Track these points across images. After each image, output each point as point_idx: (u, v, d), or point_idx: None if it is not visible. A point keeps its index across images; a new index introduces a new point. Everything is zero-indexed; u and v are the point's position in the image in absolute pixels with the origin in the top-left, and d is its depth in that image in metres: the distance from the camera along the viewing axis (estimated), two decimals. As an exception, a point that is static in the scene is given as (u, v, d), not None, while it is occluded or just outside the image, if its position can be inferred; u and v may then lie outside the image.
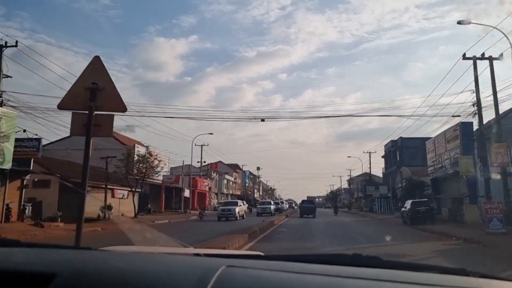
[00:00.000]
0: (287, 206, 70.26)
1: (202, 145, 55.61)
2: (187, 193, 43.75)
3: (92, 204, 28.31)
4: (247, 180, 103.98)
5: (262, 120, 20.49)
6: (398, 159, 61.49)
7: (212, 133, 45.41)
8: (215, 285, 0.93)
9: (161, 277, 1.01)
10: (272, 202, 43.51)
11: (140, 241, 1.98)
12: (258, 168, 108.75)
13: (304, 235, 16.12)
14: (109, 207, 29.32)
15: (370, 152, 63.99)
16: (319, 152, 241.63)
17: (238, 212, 29.14)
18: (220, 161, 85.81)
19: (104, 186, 29.36)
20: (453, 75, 54.51)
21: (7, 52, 18.87)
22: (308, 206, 38.47)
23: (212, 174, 72.94)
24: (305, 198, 49.12)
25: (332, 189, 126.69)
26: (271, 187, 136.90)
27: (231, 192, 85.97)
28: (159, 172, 32.05)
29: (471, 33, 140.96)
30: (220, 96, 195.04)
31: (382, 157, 72.23)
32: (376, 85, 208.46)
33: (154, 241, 2.00)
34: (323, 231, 18.72)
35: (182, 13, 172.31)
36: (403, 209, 24.98)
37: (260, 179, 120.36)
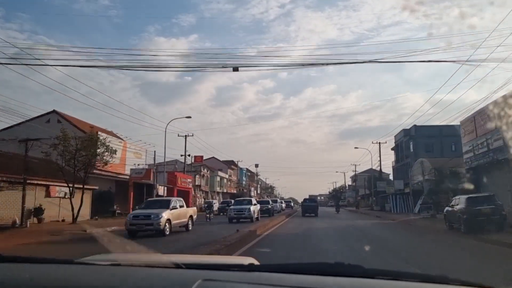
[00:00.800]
0: (284, 205, 57.52)
1: (186, 135, 47.91)
2: (162, 190, 35.96)
3: (11, 205, 20.57)
4: (244, 178, 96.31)
5: (235, 69, 12.85)
6: (411, 150, 53.83)
7: (190, 117, 36.23)
8: None
9: None
10: (253, 201, 28.40)
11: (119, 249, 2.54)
12: (256, 165, 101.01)
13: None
14: (38, 210, 21.58)
15: (380, 143, 55.86)
16: (320, 151, 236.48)
17: (167, 221, 15.68)
18: (213, 157, 78.84)
19: (35, 181, 21.57)
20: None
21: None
22: (310, 205, 36.83)
23: (203, 170, 65.28)
24: (307, 197, 46.18)
25: (335, 187, 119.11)
26: (270, 185, 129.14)
27: (225, 190, 78.37)
28: (109, 161, 24.21)
29: (472, 30, 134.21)
30: (220, 95, 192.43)
31: (392, 149, 64.51)
32: (377, 83, 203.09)
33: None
34: (339, 252, 10.29)
35: (182, 12, 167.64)
36: (448, 208, 17.14)
37: (258, 176, 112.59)
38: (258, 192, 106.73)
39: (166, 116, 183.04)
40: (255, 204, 27.26)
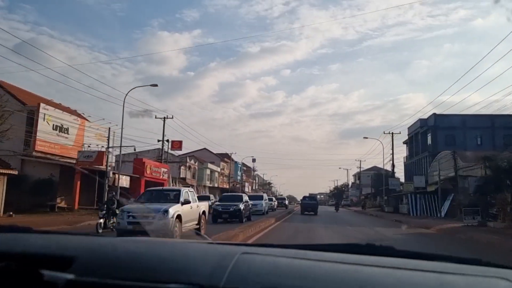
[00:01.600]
0: (275, 204, 46.37)
1: (164, 118, 40.26)
2: (125, 181, 28.34)
3: None
4: (239, 173, 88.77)
5: None
6: (430, 143, 46.11)
7: (156, 85, 28.16)
8: (233, 271, 0.93)
9: (179, 263, 1.01)
10: (184, 194, 13.13)
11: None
12: (253, 160, 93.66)
13: None
14: None
15: (392, 133, 48.10)
16: (321, 149, 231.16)
17: None
18: (205, 148, 71.61)
19: None
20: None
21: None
22: (310, 203, 36.34)
23: (189, 161, 57.83)
24: (307, 195, 41.99)
25: (336, 185, 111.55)
26: (268, 181, 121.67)
27: (216, 184, 70.83)
28: (4, 130, 16.50)
29: (477, 31, 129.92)
30: (223, 91, 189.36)
31: (404, 142, 56.79)
32: (380, 83, 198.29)
33: None
34: None
35: (186, 7, 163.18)
36: None
37: (256, 172, 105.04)
38: (254, 188, 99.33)
39: (168, 111, 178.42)
40: (186, 203, 12.80)
